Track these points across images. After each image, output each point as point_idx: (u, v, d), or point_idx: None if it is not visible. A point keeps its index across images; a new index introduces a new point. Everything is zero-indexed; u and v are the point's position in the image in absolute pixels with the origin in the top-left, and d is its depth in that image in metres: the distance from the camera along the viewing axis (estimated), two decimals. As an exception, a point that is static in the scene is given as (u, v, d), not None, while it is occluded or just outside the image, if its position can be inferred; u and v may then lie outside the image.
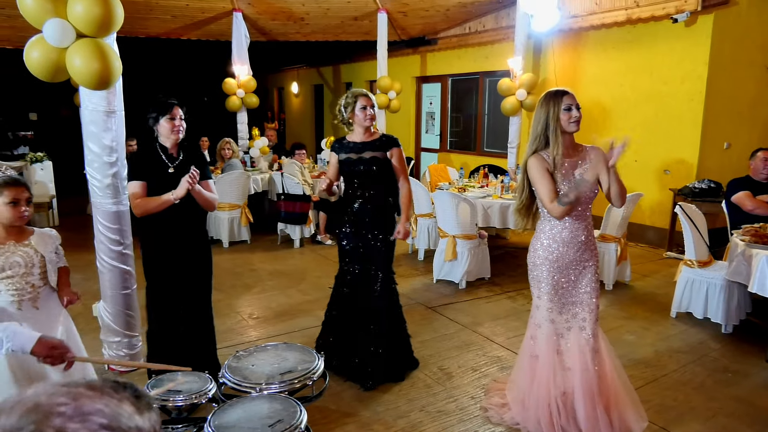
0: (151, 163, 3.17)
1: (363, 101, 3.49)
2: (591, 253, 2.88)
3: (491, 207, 5.71)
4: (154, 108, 3.17)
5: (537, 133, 2.81)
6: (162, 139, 3.21)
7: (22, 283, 2.52)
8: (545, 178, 2.76)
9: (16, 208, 2.46)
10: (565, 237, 2.83)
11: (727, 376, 3.70)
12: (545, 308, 2.90)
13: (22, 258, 2.52)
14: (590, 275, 2.88)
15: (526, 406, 3.00)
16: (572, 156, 2.83)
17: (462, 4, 8.38)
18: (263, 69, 13.42)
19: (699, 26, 6.40)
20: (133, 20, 8.07)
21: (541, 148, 2.81)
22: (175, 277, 3.25)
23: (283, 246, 7.21)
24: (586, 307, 2.87)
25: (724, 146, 6.81)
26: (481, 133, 9.94)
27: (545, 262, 2.86)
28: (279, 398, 2.03)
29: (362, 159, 3.50)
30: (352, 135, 3.60)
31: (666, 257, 6.61)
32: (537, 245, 2.92)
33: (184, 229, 3.25)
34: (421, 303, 5.05)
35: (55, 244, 2.73)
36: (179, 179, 3.08)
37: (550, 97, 2.77)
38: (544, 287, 2.89)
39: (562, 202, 2.71)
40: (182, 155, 3.26)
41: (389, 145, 3.55)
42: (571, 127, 2.75)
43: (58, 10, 2.97)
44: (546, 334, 2.89)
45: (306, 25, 9.27)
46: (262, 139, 8.69)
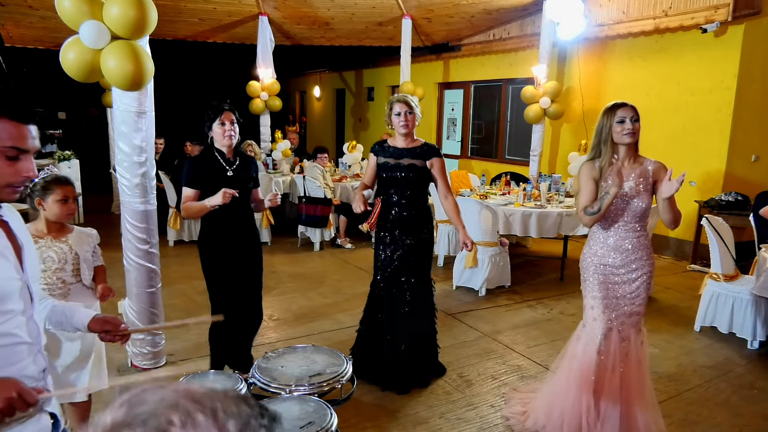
0: (209, 168, 3.24)
1: (397, 107, 3.47)
2: (640, 263, 2.88)
3: (513, 215, 5.68)
4: (206, 113, 3.23)
5: (593, 144, 2.91)
6: (217, 144, 3.26)
7: (54, 278, 2.61)
8: (586, 187, 2.87)
9: (66, 206, 2.59)
10: (611, 244, 2.89)
11: (753, 393, 3.63)
12: (589, 307, 2.97)
13: (56, 254, 2.61)
14: (638, 284, 2.89)
15: (553, 408, 3.02)
16: (627, 168, 2.86)
17: (487, 11, 8.37)
18: (286, 72, 13.53)
19: (729, 37, 6.31)
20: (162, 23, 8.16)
21: (596, 158, 2.90)
22: (232, 274, 3.34)
23: (303, 249, 7.25)
24: (630, 313, 2.90)
25: (752, 159, 6.69)
26: (502, 141, 9.90)
27: (591, 266, 2.94)
28: (310, 400, 2.05)
29: (400, 165, 3.48)
30: (394, 140, 3.59)
31: (690, 270, 6.51)
32: (586, 250, 3.00)
33: (237, 228, 3.33)
34: (441, 309, 5.02)
35: (93, 243, 2.82)
36: (238, 182, 3.22)
37: (608, 109, 2.84)
38: (590, 290, 2.96)
39: (587, 212, 2.83)
40: (239, 159, 3.33)
41: (430, 154, 3.51)
42: (624, 139, 2.80)
43: (94, 12, 3.04)
44: (589, 334, 2.94)
45: (330, 30, 9.34)
46: (285, 142, 8.77)
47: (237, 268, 3.35)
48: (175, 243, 7.24)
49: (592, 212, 2.80)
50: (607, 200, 2.74)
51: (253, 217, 3.49)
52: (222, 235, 3.30)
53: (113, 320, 1.92)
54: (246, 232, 3.40)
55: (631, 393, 2.89)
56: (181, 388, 0.62)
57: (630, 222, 2.84)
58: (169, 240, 7.20)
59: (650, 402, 2.97)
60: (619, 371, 2.87)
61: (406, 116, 3.45)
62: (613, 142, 2.82)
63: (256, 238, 3.51)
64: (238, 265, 3.35)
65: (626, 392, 2.88)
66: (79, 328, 1.87)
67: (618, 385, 2.86)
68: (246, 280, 3.43)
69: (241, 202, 3.30)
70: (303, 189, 7.24)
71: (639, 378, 2.92)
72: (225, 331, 3.42)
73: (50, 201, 2.57)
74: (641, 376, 2.92)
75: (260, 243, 3.57)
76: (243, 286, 3.41)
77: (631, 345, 2.90)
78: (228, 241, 3.31)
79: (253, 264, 3.47)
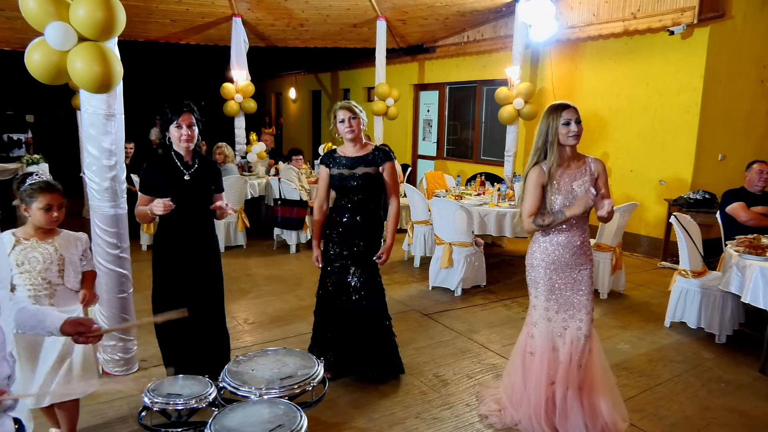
0: (164, 172, 3.13)
1: (340, 114, 3.40)
2: (586, 258, 3.00)
3: (488, 215, 5.73)
4: (163, 113, 3.12)
5: (538, 145, 2.93)
6: (175, 147, 3.16)
7: (39, 279, 2.62)
8: (534, 194, 2.91)
9: (49, 213, 2.60)
10: (561, 240, 2.94)
11: (720, 386, 3.73)
12: (542, 308, 3.01)
13: (41, 254, 2.62)
14: (586, 278, 2.99)
15: (519, 402, 3.08)
16: (572, 168, 2.92)
17: (460, 13, 8.44)
18: (261, 74, 13.45)
19: (695, 39, 6.47)
20: (133, 24, 8.09)
21: (541, 160, 2.92)
22: (184, 281, 3.22)
23: (279, 251, 7.21)
24: (582, 308, 2.98)
25: (719, 158, 6.87)
26: (478, 142, 9.99)
27: (542, 264, 2.98)
28: (279, 403, 2.04)
29: (354, 175, 3.42)
30: (343, 148, 3.52)
31: (660, 267, 6.65)
32: (535, 248, 3.03)
33: (193, 235, 3.23)
34: (417, 310, 5.06)
35: (81, 247, 2.81)
36: (196, 187, 3.13)
37: (551, 110, 2.87)
38: (541, 288, 3.00)
39: (537, 222, 2.90)
40: (198, 162, 3.21)
41: (383, 159, 3.46)
42: (569, 141, 2.86)
43: (60, 13, 2.98)
44: (543, 332, 2.99)
45: (305, 32, 9.31)
46: (260, 144, 8.71)
47: (189, 277, 3.23)
48: (149, 247, 7.12)
49: (541, 224, 2.88)
50: (560, 218, 2.83)
51: (213, 225, 3.36)
52: (176, 241, 3.19)
53: (86, 321, 1.90)
54: (203, 239, 3.27)
55: (592, 383, 2.98)
56: None
57: (579, 219, 2.90)
58: (142, 244, 7.09)
59: (611, 390, 3.06)
60: (576, 363, 2.94)
61: (350, 122, 3.39)
62: (559, 143, 2.85)
63: (213, 247, 3.36)
64: (190, 274, 3.23)
65: (586, 382, 2.96)
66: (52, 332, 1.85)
67: (576, 376, 2.93)
68: (201, 290, 3.28)
69: (199, 209, 3.21)
70: (278, 191, 7.20)
71: (599, 369, 3.00)
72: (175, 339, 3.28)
73: (34, 208, 2.58)
74: (598, 366, 3.01)
75: (218, 252, 3.42)
76: (197, 297, 3.25)
77: (587, 338, 2.96)
78: (182, 247, 3.20)
79: (210, 274, 3.32)
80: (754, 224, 4.62)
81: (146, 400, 2.23)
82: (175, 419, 2.22)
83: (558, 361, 2.96)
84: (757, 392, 3.66)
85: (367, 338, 3.60)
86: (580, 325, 2.96)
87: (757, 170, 4.84)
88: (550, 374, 2.95)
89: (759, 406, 3.48)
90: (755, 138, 7.14)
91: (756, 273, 3.79)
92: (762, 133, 7.20)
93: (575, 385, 2.93)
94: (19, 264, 2.58)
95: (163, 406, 2.26)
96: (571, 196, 2.87)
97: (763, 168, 4.85)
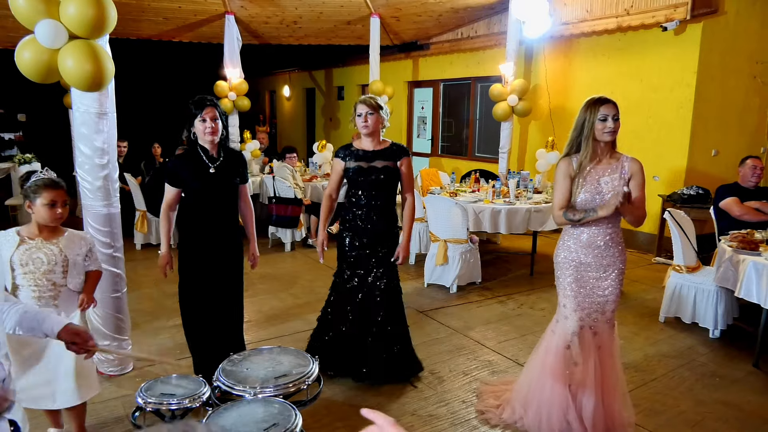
0: (190, 166, 3.17)
1: (359, 108, 3.43)
2: (612, 259, 2.91)
3: (482, 212, 5.73)
4: (189, 108, 3.16)
5: (572, 137, 2.88)
6: (200, 141, 3.20)
7: (43, 279, 2.61)
8: (563, 185, 2.86)
9: (53, 210, 2.58)
10: (583, 240, 2.90)
11: (715, 381, 3.74)
12: (562, 305, 2.99)
13: (45, 255, 2.61)
14: (610, 280, 2.92)
15: (529, 400, 3.05)
16: (603, 163, 2.85)
17: (454, 9, 8.43)
18: (255, 72, 13.41)
19: (688, 35, 6.48)
20: (125, 22, 8.04)
21: (573, 153, 2.88)
22: (209, 273, 3.25)
23: (274, 250, 7.20)
24: (605, 311, 2.94)
25: (712, 153, 6.90)
26: (472, 138, 9.99)
27: (565, 262, 2.96)
28: (274, 402, 2.03)
29: (374, 168, 3.43)
30: (359, 142, 3.52)
31: (655, 262, 6.67)
32: (560, 246, 3.01)
33: (219, 225, 3.26)
34: (413, 307, 5.06)
35: (86, 247, 2.80)
36: (221, 180, 3.18)
37: (590, 104, 2.80)
38: (565, 286, 2.97)
39: (567, 216, 2.84)
40: (223, 156, 3.24)
41: (400, 154, 3.49)
42: (604, 137, 2.79)
43: (50, 11, 2.96)
44: (563, 329, 2.96)
45: (299, 29, 9.28)
46: (254, 142, 8.68)
47: (214, 271, 3.26)
48: (143, 246, 7.10)
49: (571, 219, 2.82)
50: (591, 216, 2.76)
51: (237, 217, 3.38)
52: (202, 233, 3.22)
53: (83, 333, 1.89)
54: (228, 231, 3.29)
55: (606, 384, 2.95)
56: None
57: (602, 219, 2.81)
58: (136, 243, 7.06)
59: (622, 392, 3.04)
60: (592, 364, 2.90)
61: (367, 117, 3.40)
62: (594, 138, 2.80)
63: (238, 239, 3.36)
64: (216, 268, 3.26)
65: (601, 384, 2.93)
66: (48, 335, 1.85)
67: (592, 377, 2.90)
68: (225, 283, 3.32)
69: (225, 201, 3.26)
70: (273, 189, 7.18)
71: (612, 370, 2.97)
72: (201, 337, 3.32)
73: (38, 204, 2.57)
74: (614, 368, 2.98)
75: (242, 245, 3.42)
76: (220, 292, 3.29)
77: (604, 338, 2.94)
78: (208, 239, 3.22)
79: (234, 267, 3.35)
80: (748, 219, 4.64)
81: (139, 400, 2.22)
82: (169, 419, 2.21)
83: (577, 361, 2.92)
84: (751, 386, 3.67)
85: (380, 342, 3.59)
86: (596, 325, 2.93)
87: (750, 165, 4.86)
88: (565, 373, 2.92)
89: (753, 400, 3.50)
90: (748, 133, 7.18)
91: (749, 268, 3.81)
92: (755, 128, 7.23)
93: (593, 385, 2.89)
94: (23, 264, 2.57)
95: (156, 406, 2.25)
96: (595, 191, 2.79)
97: (756, 163, 4.86)
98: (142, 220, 7.02)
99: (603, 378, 2.94)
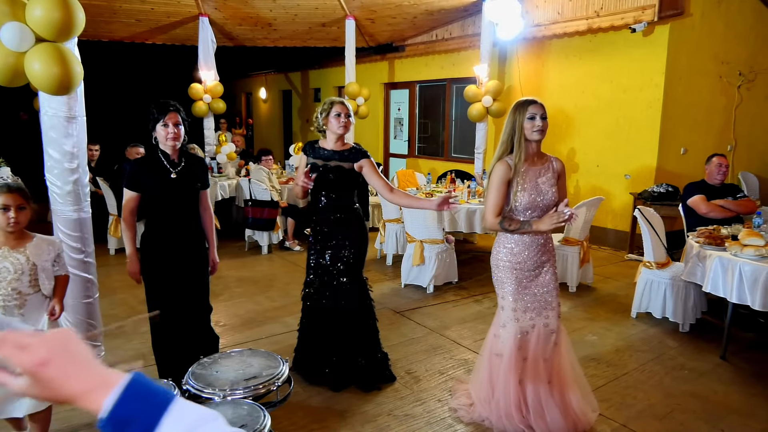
0: (151, 170, 3.14)
1: (338, 108, 3.47)
2: (549, 254, 3.03)
3: (458, 212, 5.78)
4: (151, 112, 3.13)
5: (503, 139, 2.95)
6: (161, 145, 3.17)
7: (8, 289, 2.56)
8: (499, 190, 2.90)
9: (5, 215, 2.53)
10: (526, 239, 2.95)
11: (684, 374, 3.84)
12: (510, 308, 2.99)
13: (12, 264, 2.56)
14: (550, 274, 3.02)
15: (489, 401, 3.10)
16: (536, 164, 2.95)
17: (429, 12, 8.49)
18: (230, 74, 13.31)
19: (656, 36, 6.63)
20: (97, 23, 7.94)
21: (506, 154, 2.93)
22: (174, 278, 3.24)
23: (250, 252, 7.16)
24: (548, 304, 3.00)
25: (681, 152, 7.06)
26: (448, 139, 10.06)
27: (507, 264, 2.98)
28: (243, 404, 2.03)
29: (327, 167, 3.49)
30: (325, 141, 3.58)
31: (627, 259, 6.80)
32: (500, 248, 3.02)
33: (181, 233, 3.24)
34: (390, 308, 5.08)
35: (54, 252, 2.76)
36: (182, 185, 3.16)
37: (518, 106, 2.90)
38: (508, 287, 2.99)
39: (503, 225, 2.89)
40: (184, 160, 3.23)
41: (357, 156, 3.52)
42: (534, 136, 2.86)
43: (16, 14, 2.91)
44: (511, 332, 2.99)
45: (274, 31, 9.26)
46: (229, 145, 8.62)
47: (179, 276, 3.25)
48: (116, 251, 7.00)
49: (506, 228, 2.88)
50: (526, 228, 2.85)
51: (200, 222, 3.37)
52: (164, 238, 3.20)
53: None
54: (190, 236, 3.29)
55: (562, 378, 3.02)
56: None
57: (541, 216, 2.90)
58: (110, 248, 6.96)
59: (580, 382, 3.11)
60: (543, 361, 2.96)
61: (347, 119, 3.47)
62: (525, 138, 2.88)
63: (201, 244, 3.37)
64: (180, 273, 3.25)
65: (557, 378, 3.00)
66: None
67: (546, 373, 2.96)
68: (190, 287, 3.31)
69: (186, 206, 3.24)
70: (249, 192, 7.14)
71: (568, 363, 3.05)
72: (168, 342, 3.31)
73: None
74: (569, 361, 3.06)
75: (206, 249, 3.42)
76: (186, 297, 3.29)
77: (557, 331, 3.01)
78: (170, 244, 3.20)
79: (199, 271, 3.35)
80: (714, 216, 4.76)
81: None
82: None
83: (526, 360, 2.97)
84: (719, 378, 3.78)
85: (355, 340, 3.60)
86: (547, 321, 2.99)
87: (716, 163, 4.99)
88: (517, 374, 2.96)
89: (720, 391, 3.59)
90: (715, 132, 7.36)
91: (715, 263, 3.91)
92: (721, 126, 7.42)
93: (545, 381, 2.95)
94: None
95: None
96: (536, 192, 2.88)
97: (722, 161, 4.99)
98: (115, 225, 6.92)
99: (560, 373, 3.00)
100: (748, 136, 7.72)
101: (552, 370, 2.98)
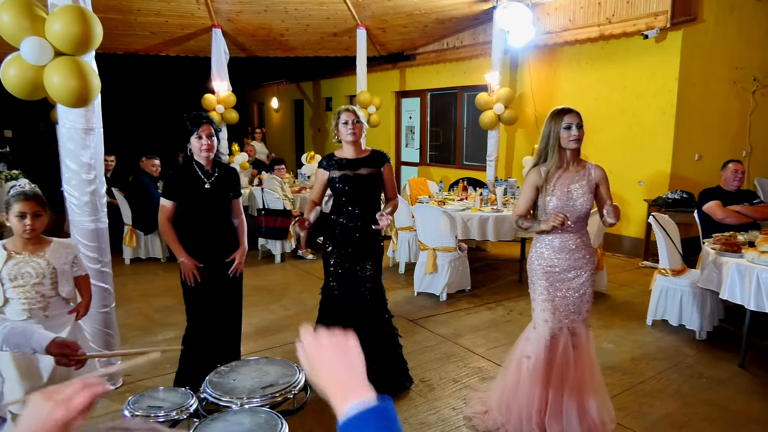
0: (187, 180, 3.25)
1: (345, 116, 3.48)
2: (584, 261, 3.03)
3: (471, 219, 5.78)
4: (185, 124, 3.24)
5: (540, 148, 3.03)
6: (195, 156, 3.27)
7: (33, 292, 2.64)
8: (527, 195, 3.03)
9: (22, 222, 2.59)
10: (556, 245, 3.00)
11: (701, 382, 3.79)
12: (539, 309, 3.05)
13: (33, 269, 2.64)
14: (583, 281, 3.02)
15: (508, 405, 3.09)
16: (571, 171, 2.98)
17: (440, 20, 8.52)
18: (243, 84, 13.43)
19: (668, 42, 6.60)
20: (112, 36, 8.06)
21: (541, 163, 3.01)
22: (209, 286, 3.32)
23: (264, 261, 7.20)
24: (579, 309, 3.02)
25: (696, 158, 7.00)
26: (460, 147, 10.06)
27: (539, 268, 3.04)
28: (260, 412, 2.04)
29: (359, 175, 3.47)
30: (342, 151, 3.55)
31: (642, 266, 6.74)
32: (533, 252, 3.10)
33: (215, 238, 3.34)
34: (403, 315, 5.07)
35: (71, 254, 2.83)
36: (215, 195, 3.27)
37: (554, 115, 2.95)
38: (538, 288, 3.05)
39: (519, 223, 3.05)
40: (218, 171, 3.33)
41: (382, 160, 3.56)
42: (570, 145, 2.92)
43: (36, 28, 2.98)
44: (540, 334, 3.02)
45: (286, 42, 9.34)
46: (242, 155, 8.70)
47: (213, 283, 3.33)
48: (132, 261, 7.07)
49: (520, 226, 3.05)
50: (536, 228, 2.96)
51: (234, 230, 3.45)
52: (199, 247, 3.28)
53: (72, 344, 1.90)
54: (224, 244, 3.38)
55: (583, 385, 3.01)
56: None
57: (574, 223, 2.96)
58: (125, 258, 7.03)
59: (600, 391, 3.10)
60: (570, 366, 2.97)
61: (354, 125, 3.46)
62: (560, 146, 2.93)
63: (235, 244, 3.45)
64: (214, 280, 3.33)
65: (579, 385, 2.99)
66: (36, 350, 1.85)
67: (570, 379, 2.97)
68: (224, 296, 3.40)
69: (219, 215, 3.35)
70: (262, 201, 7.19)
71: (590, 370, 3.03)
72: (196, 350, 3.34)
73: (11, 216, 2.59)
74: (591, 368, 3.04)
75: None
76: (219, 305, 3.38)
77: (581, 340, 3.01)
78: (204, 253, 3.29)
79: (231, 280, 3.43)
80: (730, 222, 4.71)
81: (126, 413, 2.22)
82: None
83: (552, 363, 2.98)
84: (737, 387, 3.72)
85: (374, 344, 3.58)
86: (574, 327, 3.01)
87: (732, 169, 4.94)
88: (543, 376, 2.97)
89: (738, 400, 3.54)
90: (729, 137, 7.29)
91: (732, 270, 3.87)
92: (736, 132, 7.35)
93: (568, 386, 2.96)
94: (12, 279, 2.60)
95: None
96: (566, 197, 2.92)
97: (738, 167, 4.95)
98: (130, 235, 7.00)
99: (580, 379, 3.00)
100: (764, 142, 7.63)
101: (575, 376, 2.98)
